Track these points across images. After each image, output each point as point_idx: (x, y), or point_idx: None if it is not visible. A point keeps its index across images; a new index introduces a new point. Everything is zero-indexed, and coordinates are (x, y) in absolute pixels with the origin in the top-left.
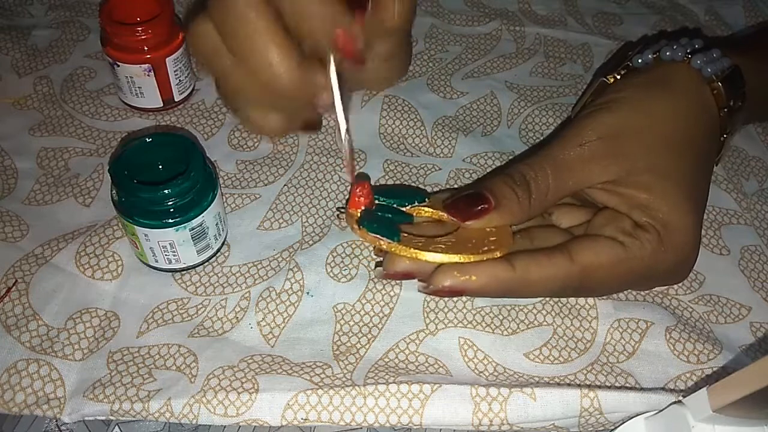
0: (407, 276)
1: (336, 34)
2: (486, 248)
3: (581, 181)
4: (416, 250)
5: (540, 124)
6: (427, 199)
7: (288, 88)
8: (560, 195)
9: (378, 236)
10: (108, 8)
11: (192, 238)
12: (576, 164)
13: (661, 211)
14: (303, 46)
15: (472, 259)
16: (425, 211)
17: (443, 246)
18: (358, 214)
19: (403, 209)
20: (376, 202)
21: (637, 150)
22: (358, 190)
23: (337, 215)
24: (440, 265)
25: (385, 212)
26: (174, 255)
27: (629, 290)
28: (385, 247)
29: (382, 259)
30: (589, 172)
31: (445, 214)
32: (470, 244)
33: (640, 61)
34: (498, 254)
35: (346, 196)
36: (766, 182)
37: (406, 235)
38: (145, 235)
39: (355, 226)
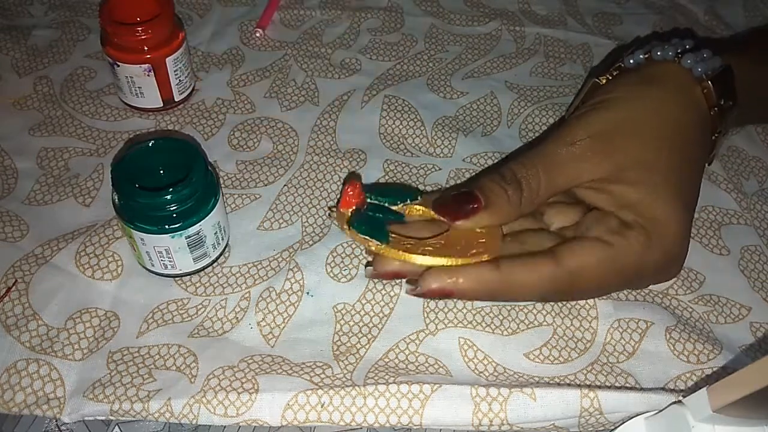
0: (396, 276)
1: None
2: (474, 251)
3: (572, 179)
4: (404, 253)
5: (540, 124)
6: (419, 197)
7: None
8: (551, 193)
9: (367, 238)
10: (108, 8)
11: (188, 245)
12: (567, 162)
13: (650, 207)
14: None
15: (459, 263)
16: (416, 210)
17: (431, 248)
18: (349, 214)
19: (395, 207)
20: (368, 201)
21: (626, 146)
22: (349, 190)
23: (329, 214)
24: (428, 268)
25: (376, 212)
26: (170, 261)
27: (628, 290)
28: (374, 249)
29: (372, 259)
30: (579, 169)
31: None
32: (459, 246)
33: (631, 61)
34: (486, 257)
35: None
36: (766, 182)
37: (395, 236)
38: (141, 239)
39: (345, 227)
